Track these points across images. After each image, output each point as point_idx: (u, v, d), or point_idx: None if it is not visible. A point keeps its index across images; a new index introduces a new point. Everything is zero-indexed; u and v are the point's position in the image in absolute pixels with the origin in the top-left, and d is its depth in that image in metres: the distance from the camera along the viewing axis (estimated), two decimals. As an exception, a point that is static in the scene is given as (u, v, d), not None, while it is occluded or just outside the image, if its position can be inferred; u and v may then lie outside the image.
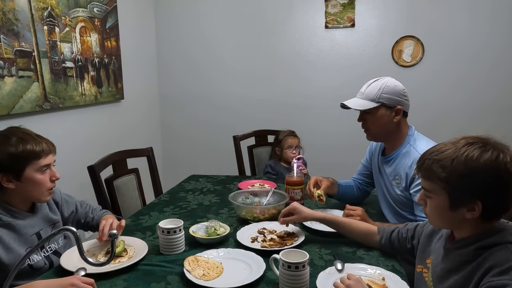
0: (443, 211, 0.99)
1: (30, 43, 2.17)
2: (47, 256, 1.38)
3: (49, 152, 1.35)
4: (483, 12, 3.14)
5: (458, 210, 0.97)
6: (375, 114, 1.61)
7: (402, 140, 1.65)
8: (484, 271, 0.92)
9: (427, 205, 1.04)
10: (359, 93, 1.66)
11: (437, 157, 0.98)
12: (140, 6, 3.47)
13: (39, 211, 1.41)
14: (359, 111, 1.65)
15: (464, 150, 0.95)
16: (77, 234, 0.91)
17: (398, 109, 1.60)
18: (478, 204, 0.93)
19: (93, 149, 2.70)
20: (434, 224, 1.10)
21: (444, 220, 1.03)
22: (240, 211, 1.69)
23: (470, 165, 0.93)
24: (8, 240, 1.27)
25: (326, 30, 3.39)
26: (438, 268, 1.07)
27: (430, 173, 0.99)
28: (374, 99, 1.59)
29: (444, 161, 0.96)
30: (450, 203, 0.97)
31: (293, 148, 2.68)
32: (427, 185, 1.01)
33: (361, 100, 1.62)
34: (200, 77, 3.71)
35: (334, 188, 1.85)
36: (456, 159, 0.94)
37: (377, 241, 1.37)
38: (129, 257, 1.34)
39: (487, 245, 0.95)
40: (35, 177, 1.31)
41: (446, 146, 0.99)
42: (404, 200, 1.60)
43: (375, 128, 1.64)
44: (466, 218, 0.97)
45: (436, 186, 0.98)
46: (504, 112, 3.21)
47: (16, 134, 1.31)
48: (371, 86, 1.62)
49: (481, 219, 0.96)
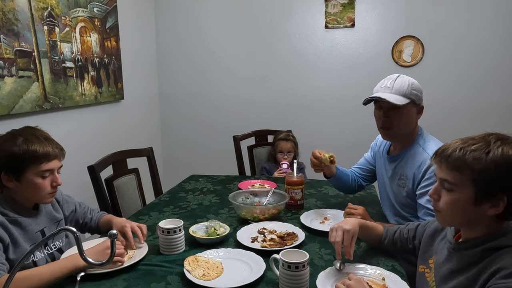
0: (465, 205, 0.96)
1: (30, 43, 2.17)
2: (51, 254, 1.38)
3: (54, 157, 1.32)
4: (483, 12, 3.14)
5: (481, 205, 0.94)
6: (405, 111, 1.51)
7: (411, 140, 1.59)
8: (491, 273, 0.91)
9: (442, 199, 1.00)
10: (385, 88, 1.52)
11: (468, 148, 0.95)
12: (140, 6, 3.47)
13: (43, 209, 1.41)
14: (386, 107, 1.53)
15: (499, 145, 0.93)
16: (77, 234, 0.91)
17: (421, 107, 1.56)
18: (504, 199, 0.92)
19: (93, 149, 2.70)
20: (444, 220, 1.04)
21: (461, 216, 0.99)
22: (240, 211, 1.69)
23: (506, 159, 0.91)
24: (16, 235, 1.27)
25: (326, 30, 3.39)
26: (442, 269, 1.06)
27: (461, 163, 0.95)
28: (406, 94, 1.49)
29: (479, 152, 0.93)
30: (476, 197, 0.94)
31: (284, 153, 2.63)
32: (453, 177, 0.97)
33: (393, 95, 1.49)
34: (200, 77, 3.71)
35: (332, 168, 1.81)
36: (492, 152, 0.92)
37: (381, 241, 1.36)
38: (129, 257, 1.34)
39: (495, 247, 0.94)
40: (35, 181, 1.29)
41: (474, 139, 0.97)
42: (407, 201, 1.57)
43: (400, 126, 1.54)
44: (485, 215, 0.95)
45: (464, 177, 0.95)
46: (504, 113, 3.21)
47: (24, 134, 1.30)
48: (398, 81, 1.51)
49: (497, 219, 0.95)
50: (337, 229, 1.23)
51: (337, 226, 1.24)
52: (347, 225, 1.24)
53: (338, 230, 1.23)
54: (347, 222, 1.26)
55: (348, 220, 1.28)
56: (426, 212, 1.45)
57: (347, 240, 1.22)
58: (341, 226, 1.24)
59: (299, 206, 1.85)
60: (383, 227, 1.38)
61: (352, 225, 1.24)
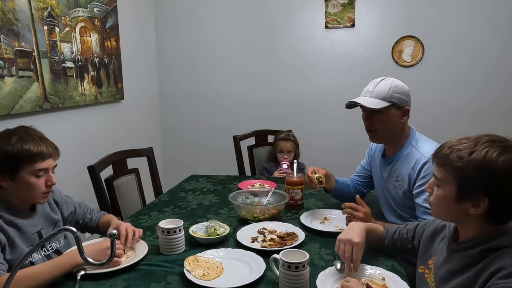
0: (448, 201, 0.99)
1: (30, 43, 2.17)
2: (48, 255, 1.38)
3: (48, 156, 1.31)
4: (483, 12, 3.14)
5: (462, 203, 0.96)
6: (386, 114, 1.55)
7: (403, 142, 1.62)
8: (490, 274, 0.91)
9: (433, 194, 1.03)
10: (366, 92, 1.58)
11: (457, 147, 0.98)
12: (140, 6, 3.47)
13: (39, 210, 1.41)
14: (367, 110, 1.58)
15: (485, 146, 0.94)
16: (77, 234, 0.91)
17: (406, 109, 1.57)
18: (484, 201, 0.93)
19: (93, 149, 2.70)
20: (436, 214, 1.08)
21: (447, 211, 1.02)
22: (240, 211, 1.69)
23: (487, 161, 0.92)
24: (13, 236, 1.27)
25: (326, 30, 3.39)
26: (441, 269, 1.06)
27: (445, 160, 0.99)
28: (386, 98, 1.53)
29: (463, 151, 0.96)
30: (457, 194, 0.97)
31: (284, 153, 2.63)
32: (439, 172, 1.01)
33: (372, 99, 1.55)
34: (200, 77, 3.71)
35: (331, 182, 1.83)
36: (475, 153, 0.94)
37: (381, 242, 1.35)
38: (127, 257, 1.34)
39: (493, 248, 0.94)
40: (29, 180, 1.28)
41: (468, 139, 0.99)
42: (406, 201, 1.58)
43: (383, 129, 1.58)
44: (469, 214, 0.96)
45: (447, 174, 0.98)
46: (504, 112, 3.21)
47: (18, 133, 1.29)
48: (380, 85, 1.56)
49: (486, 220, 0.96)
50: (345, 242, 1.20)
51: (345, 239, 1.21)
52: (356, 237, 1.20)
53: (347, 244, 1.19)
54: (355, 233, 1.22)
55: (354, 228, 1.25)
56: (423, 211, 1.46)
57: (357, 254, 1.19)
58: (350, 239, 1.20)
59: (299, 206, 1.85)
60: (384, 227, 1.37)
61: (361, 237, 1.21)
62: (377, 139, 1.68)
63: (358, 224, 1.28)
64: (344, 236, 1.22)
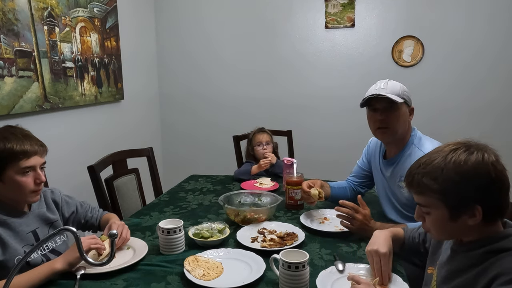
0: (444, 223, 0.97)
1: (30, 43, 2.17)
2: (44, 254, 1.37)
3: (33, 154, 1.29)
4: (483, 12, 3.14)
5: (459, 219, 0.95)
6: (401, 110, 1.56)
7: (405, 142, 1.63)
8: (491, 278, 0.90)
9: (426, 221, 1.01)
10: (380, 89, 1.55)
11: (425, 169, 0.96)
12: (140, 6, 3.47)
13: (35, 210, 1.40)
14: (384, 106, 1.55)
15: (451, 157, 0.94)
16: (77, 234, 0.91)
17: (412, 108, 1.61)
18: (478, 208, 0.92)
19: (93, 149, 2.70)
20: (438, 238, 1.07)
21: (448, 232, 1.01)
22: (229, 214, 1.67)
23: (460, 170, 0.92)
24: (4, 236, 1.26)
25: (326, 30, 3.39)
26: (442, 269, 1.06)
27: (422, 187, 0.97)
28: (400, 94, 1.54)
29: (434, 172, 0.95)
30: (450, 214, 0.95)
31: (263, 144, 2.51)
32: (422, 200, 0.99)
33: (391, 94, 1.53)
34: (200, 76, 3.71)
35: (327, 190, 1.82)
36: (445, 168, 0.93)
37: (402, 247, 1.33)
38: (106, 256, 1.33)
39: (495, 250, 0.94)
40: (16, 179, 1.27)
41: (431, 157, 0.98)
42: (410, 202, 1.55)
43: (397, 126, 1.57)
44: (469, 225, 0.95)
45: (431, 199, 0.96)
46: (504, 112, 3.21)
47: (2, 133, 1.29)
48: (390, 83, 1.57)
49: (484, 222, 0.95)
50: (373, 253, 1.18)
51: (372, 250, 1.19)
52: (382, 247, 1.17)
53: (374, 255, 1.17)
54: (380, 242, 1.20)
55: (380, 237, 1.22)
56: None
57: (385, 265, 1.16)
58: (378, 250, 1.17)
59: (299, 206, 1.86)
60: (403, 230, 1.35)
61: (387, 246, 1.19)
62: (390, 136, 1.63)
63: (383, 233, 1.25)
64: (370, 247, 1.20)
